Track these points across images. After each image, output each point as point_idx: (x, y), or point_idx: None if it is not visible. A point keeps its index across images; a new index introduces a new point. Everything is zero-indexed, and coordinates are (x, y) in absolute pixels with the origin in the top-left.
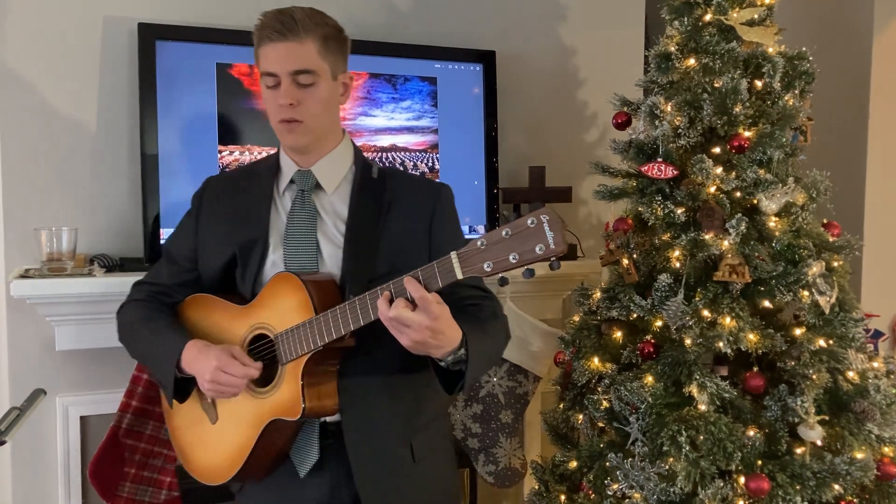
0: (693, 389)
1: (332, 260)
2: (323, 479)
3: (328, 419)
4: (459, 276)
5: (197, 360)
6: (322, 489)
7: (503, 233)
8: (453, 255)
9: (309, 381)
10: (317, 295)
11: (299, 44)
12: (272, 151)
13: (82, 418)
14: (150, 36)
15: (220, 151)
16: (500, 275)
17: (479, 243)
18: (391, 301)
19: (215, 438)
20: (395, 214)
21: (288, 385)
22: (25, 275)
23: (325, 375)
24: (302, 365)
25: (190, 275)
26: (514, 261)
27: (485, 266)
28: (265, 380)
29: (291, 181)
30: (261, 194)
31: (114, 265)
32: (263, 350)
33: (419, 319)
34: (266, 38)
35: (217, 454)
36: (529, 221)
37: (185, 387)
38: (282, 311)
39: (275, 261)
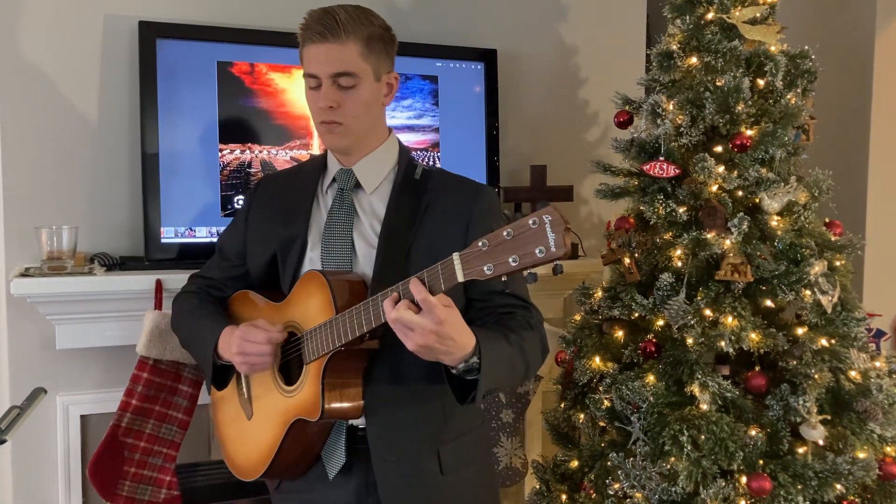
0: (695, 389)
1: (365, 260)
2: (350, 484)
3: (356, 423)
4: (461, 278)
5: (227, 341)
6: (348, 493)
7: (504, 233)
8: (455, 256)
9: (330, 383)
10: (339, 295)
11: (340, 45)
12: (273, 150)
13: (82, 417)
14: (151, 34)
15: (221, 150)
16: (502, 277)
17: (480, 244)
18: (397, 303)
19: (249, 434)
20: (432, 216)
21: (310, 385)
22: (26, 273)
23: (348, 378)
24: (323, 365)
25: (239, 270)
26: (514, 264)
27: (485, 269)
28: (293, 378)
29: (333, 180)
30: (306, 192)
31: (114, 264)
32: (293, 348)
33: (423, 322)
34: (308, 40)
35: (251, 450)
36: (531, 222)
37: (224, 375)
38: (308, 310)
39: (312, 258)
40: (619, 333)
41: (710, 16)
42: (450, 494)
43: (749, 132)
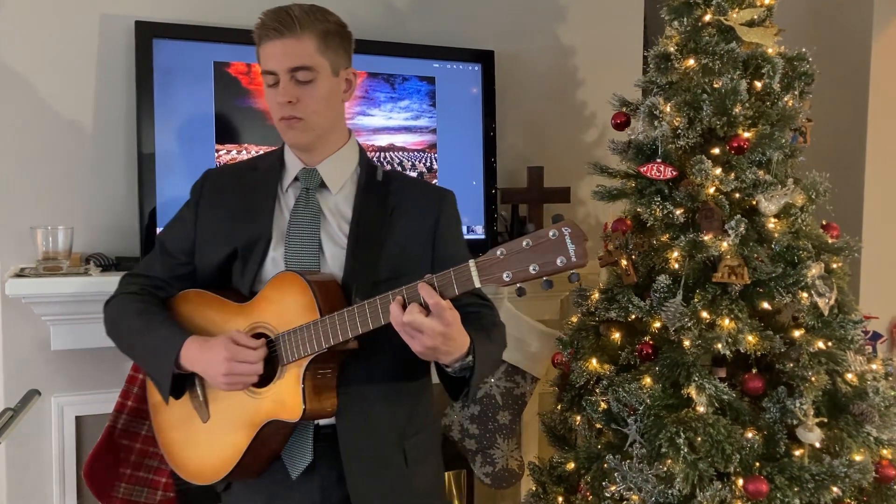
0: (691, 391)
1: (334, 260)
2: (313, 482)
3: (322, 422)
4: (477, 284)
5: (202, 356)
6: (313, 492)
7: (524, 243)
8: (471, 263)
9: (310, 384)
10: (321, 296)
11: (296, 40)
12: (269, 150)
13: (78, 418)
14: (148, 34)
15: (218, 150)
16: (518, 285)
17: (498, 253)
18: (404, 306)
19: (206, 437)
20: (399, 218)
21: (288, 386)
22: (21, 274)
23: (326, 378)
24: (304, 366)
25: (185, 268)
26: (534, 272)
27: (504, 276)
28: (263, 380)
29: (296, 179)
30: (264, 190)
31: (110, 264)
32: None
33: (433, 325)
34: (265, 37)
35: (208, 453)
36: (551, 233)
37: (180, 383)
38: (284, 310)
39: (275, 258)
40: (616, 335)
41: (707, 18)
42: (412, 486)
43: (746, 134)
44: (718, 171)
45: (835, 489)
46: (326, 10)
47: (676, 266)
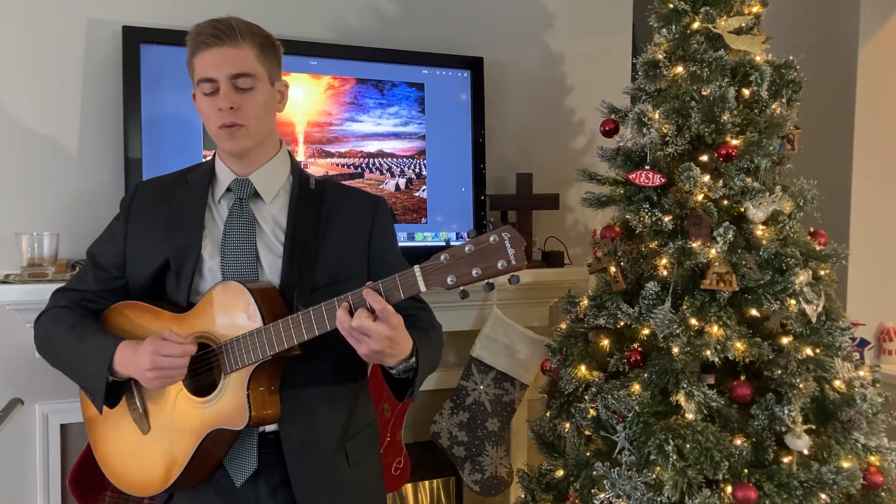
0: (680, 398)
1: (271, 269)
2: (258, 488)
3: (266, 428)
4: (423, 288)
5: (132, 358)
6: (257, 497)
7: (466, 249)
8: (416, 269)
9: (254, 391)
10: (263, 304)
11: (237, 48)
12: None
13: (63, 426)
14: (135, 39)
15: (205, 156)
16: (461, 288)
17: (442, 258)
18: (351, 312)
19: (147, 449)
20: (334, 225)
21: (232, 395)
22: (5, 280)
23: (270, 385)
24: (248, 375)
25: (117, 282)
26: (476, 275)
27: (448, 280)
28: (205, 389)
29: (228, 189)
30: (195, 201)
31: None
32: (205, 359)
33: (380, 329)
34: (203, 45)
35: (149, 465)
36: (492, 239)
37: (115, 392)
38: (226, 319)
39: (211, 268)
40: (605, 342)
41: (695, 25)
42: (356, 485)
43: (734, 142)
44: (707, 178)
45: (823, 496)
46: (258, 25)
47: (665, 273)
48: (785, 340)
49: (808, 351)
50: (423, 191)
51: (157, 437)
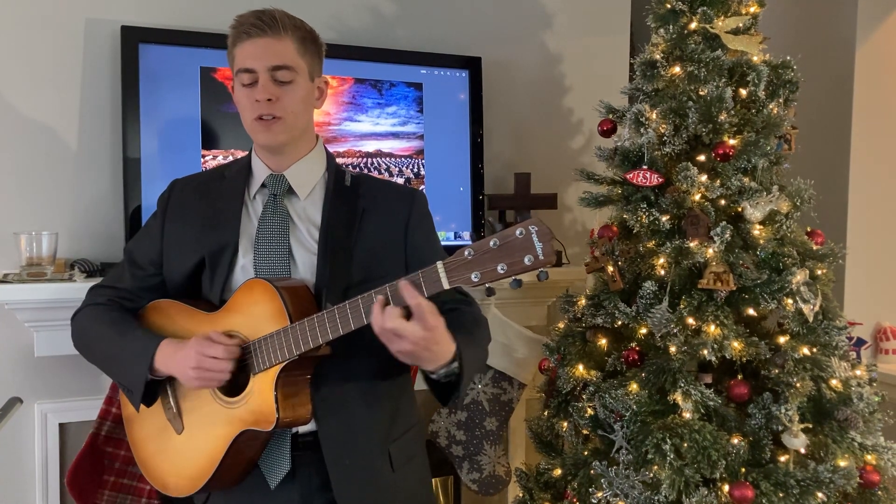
0: (678, 397)
1: (305, 266)
2: (293, 490)
3: (302, 429)
4: (446, 285)
5: (174, 356)
6: (293, 501)
7: (491, 243)
8: (439, 264)
9: (283, 392)
10: (291, 303)
11: (278, 40)
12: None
13: (61, 425)
14: (134, 39)
15: (204, 156)
16: (486, 285)
17: (466, 253)
18: (384, 306)
19: (181, 449)
20: (369, 221)
21: (261, 395)
22: (4, 280)
23: (299, 385)
24: (275, 375)
25: (154, 279)
26: (502, 271)
27: (472, 276)
28: (235, 389)
29: (263, 185)
30: (231, 198)
31: (95, 270)
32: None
33: (413, 330)
34: (244, 35)
35: (184, 465)
36: (518, 232)
37: (152, 391)
38: (254, 318)
39: (244, 265)
40: (603, 341)
41: (693, 26)
42: (399, 490)
43: (732, 141)
44: (704, 177)
45: (820, 495)
46: (301, 19)
47: (662, 272)
48: (782, 340)
49: (805, 350)
50: (422, 190)
51: (190, 438)
